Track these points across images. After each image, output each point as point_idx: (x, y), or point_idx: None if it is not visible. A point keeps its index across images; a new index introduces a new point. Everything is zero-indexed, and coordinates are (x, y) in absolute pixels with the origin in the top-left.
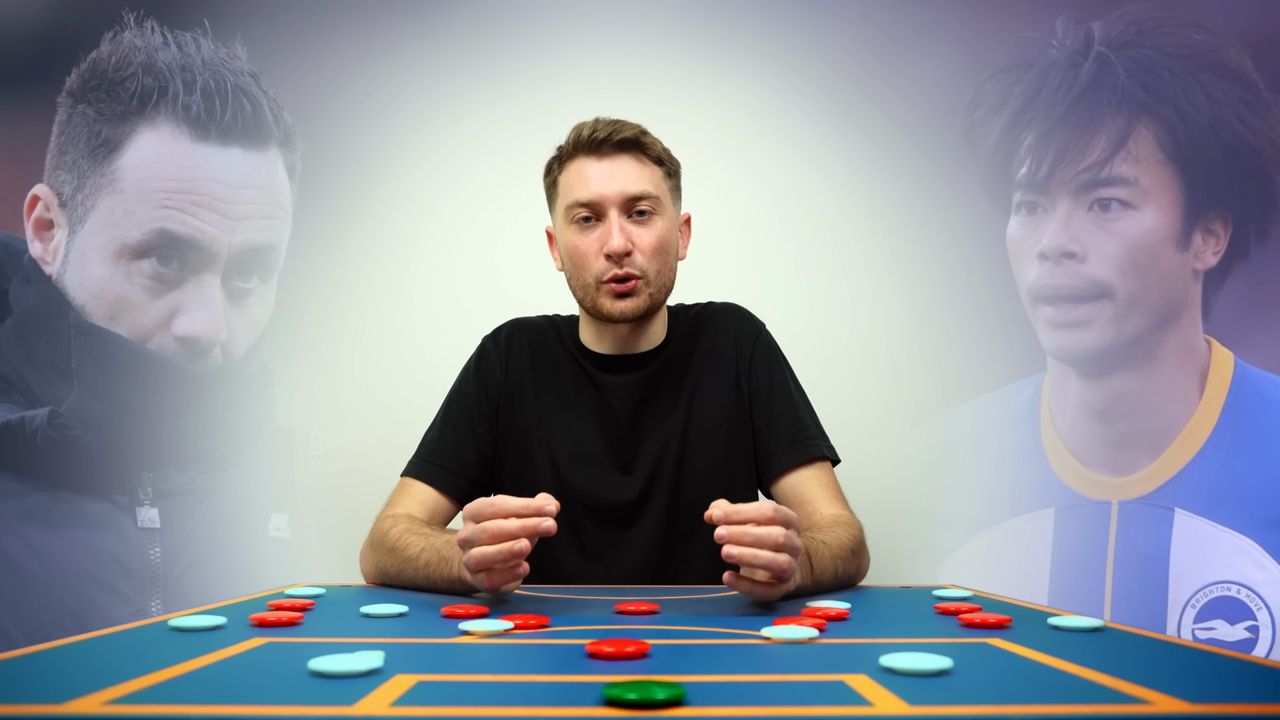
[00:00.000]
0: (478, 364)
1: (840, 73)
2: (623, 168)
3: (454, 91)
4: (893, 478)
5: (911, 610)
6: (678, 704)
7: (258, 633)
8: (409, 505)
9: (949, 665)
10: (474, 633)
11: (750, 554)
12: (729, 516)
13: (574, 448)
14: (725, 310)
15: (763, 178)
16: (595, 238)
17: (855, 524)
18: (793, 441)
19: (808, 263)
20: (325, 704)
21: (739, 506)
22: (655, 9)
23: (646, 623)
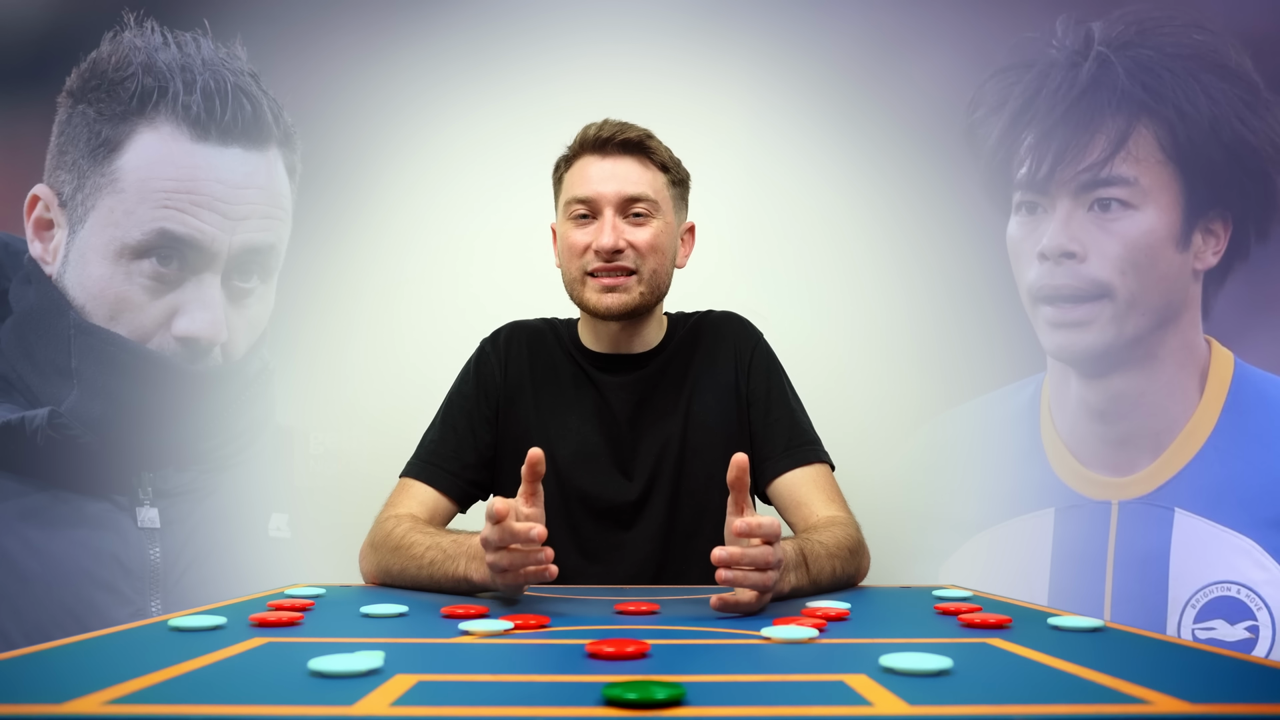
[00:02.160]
0: (477, 366)
1: (840, 73)
2: (624, 168)
3: (453, 92)
4: (893, 478)
5: (911, 610)
6: (678, 704)
7: (258, 633)
8: (409, 505)
9: (949, 665)
10: (474, 633)
11: (741, 576)
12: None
13: (574, 448)
14: (725, 318)
15: (763, 178)
16: (588, 233)
17: (853, 524)
18: (789, 445)
19: (808, 263)
20: (325, 704)
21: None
22: (655, 9)
23: (646, 623)
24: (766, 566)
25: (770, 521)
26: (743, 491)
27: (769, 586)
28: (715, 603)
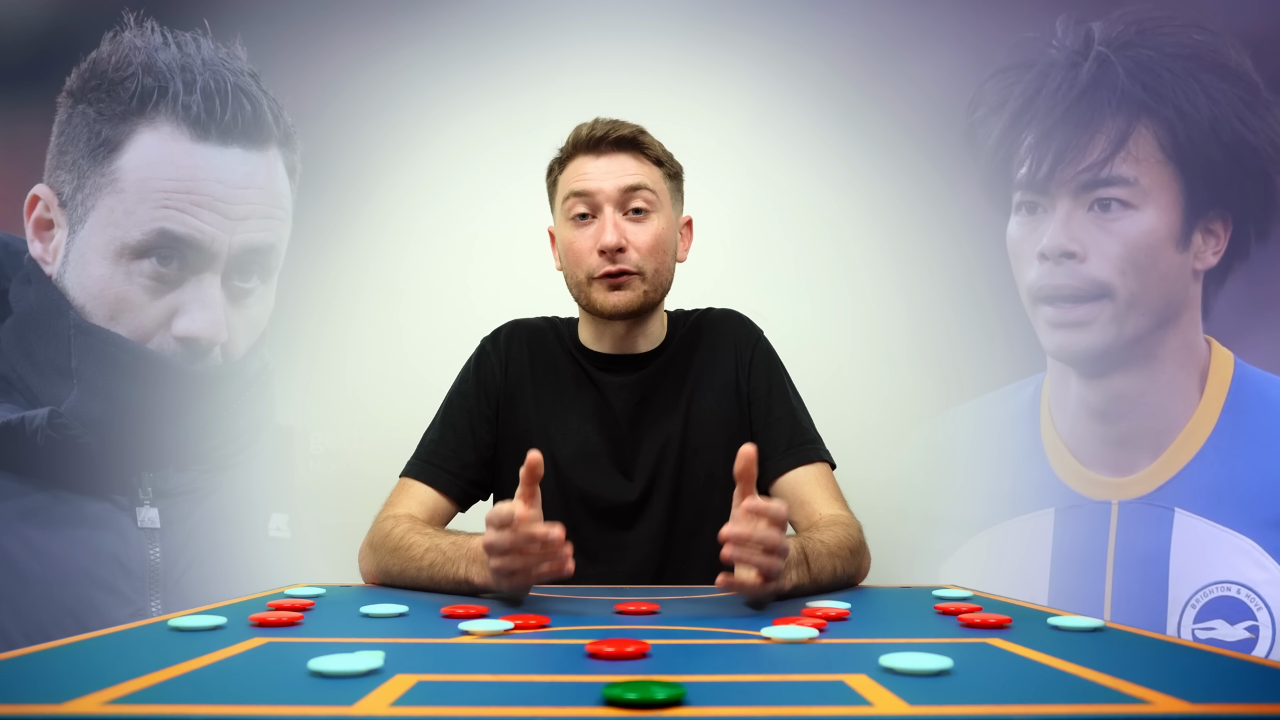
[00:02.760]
0: (477, 365)
1: (840, 73)
2: (620, 164)
3: (453, 92)
4: (893, 478)
5: (911, 610)
6: (678, 704)
7: (258, 633)
8: (409, 506)
9: (949, 665)
10: (474, 633)
11: (746, 555)
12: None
13: (575, 449)
14: (725, 316)
15: (763, 178)
16: (590, 234)
17: (854, 524)
18: (790, 444)
19: (808, 263)
20: (325, 704)
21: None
22: (655, 9)
23: (646, 623)
24: (774, 550)
25: (778, 504)
26: (750, 483)
27: (774, 572)
28: (721, 581)
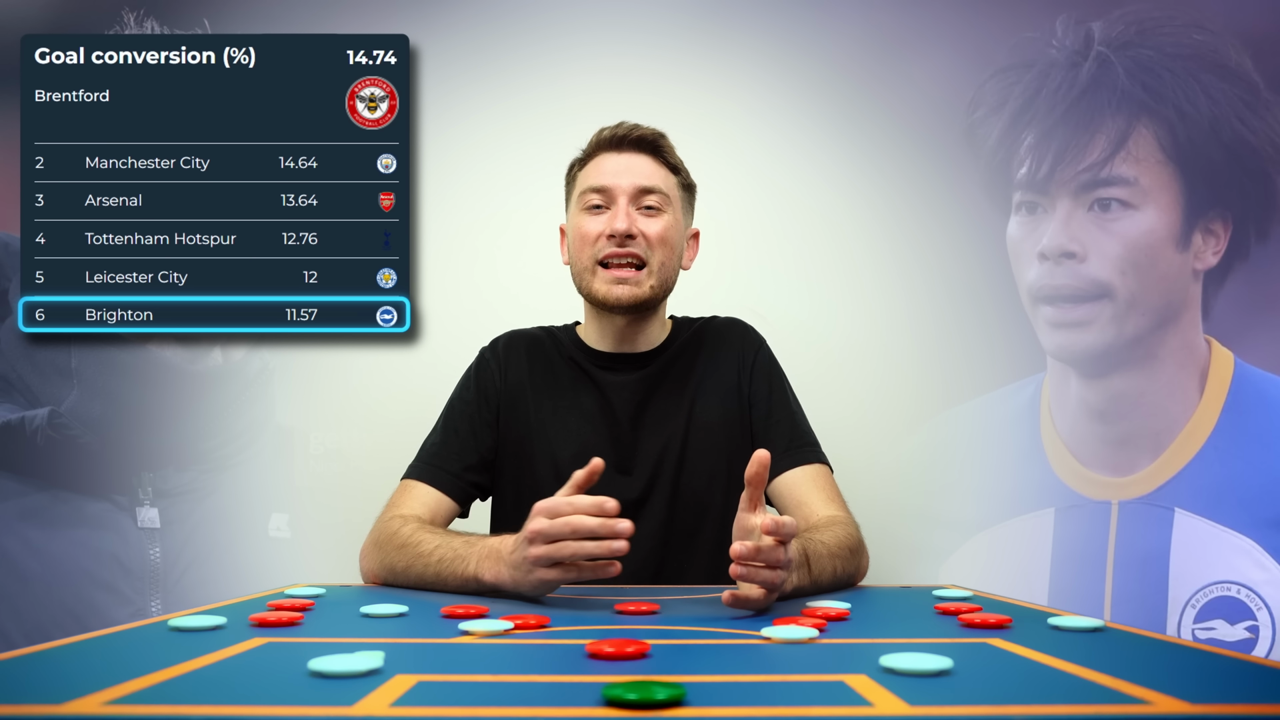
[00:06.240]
0: (477, 372)
1: (840, 73)
2: (638, 163)
3: (455, 93)
4: (893, 477)
5: (911, 610)
6: (678, 704)
7: (258, 633)
8: (412, 506)
9: (949, 665)
10: (474, 633)
11: (752, 573)
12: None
13: (576, 450)
14: (729, 324)
15: (763, 178)
16: (601, 221)
17: (852, 524)
18: (790, 445)
19: (808, 263)
20: (325, 704)
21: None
22: (655, 9)
23: (646, 623)
24: (777, 565)
25: (791, 522)
26: (759, 488)
27: (777, 585)
28: (727, 598)
